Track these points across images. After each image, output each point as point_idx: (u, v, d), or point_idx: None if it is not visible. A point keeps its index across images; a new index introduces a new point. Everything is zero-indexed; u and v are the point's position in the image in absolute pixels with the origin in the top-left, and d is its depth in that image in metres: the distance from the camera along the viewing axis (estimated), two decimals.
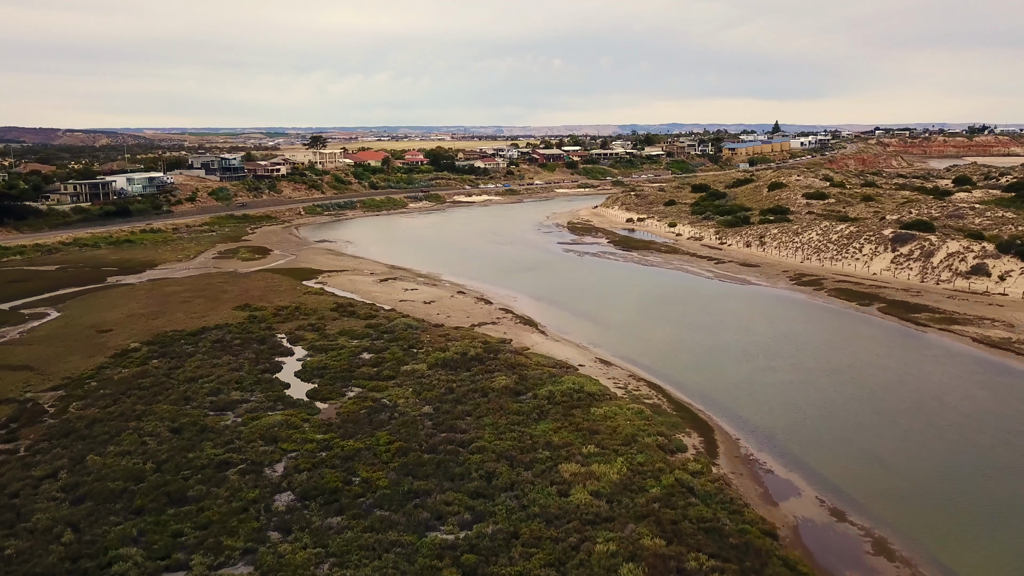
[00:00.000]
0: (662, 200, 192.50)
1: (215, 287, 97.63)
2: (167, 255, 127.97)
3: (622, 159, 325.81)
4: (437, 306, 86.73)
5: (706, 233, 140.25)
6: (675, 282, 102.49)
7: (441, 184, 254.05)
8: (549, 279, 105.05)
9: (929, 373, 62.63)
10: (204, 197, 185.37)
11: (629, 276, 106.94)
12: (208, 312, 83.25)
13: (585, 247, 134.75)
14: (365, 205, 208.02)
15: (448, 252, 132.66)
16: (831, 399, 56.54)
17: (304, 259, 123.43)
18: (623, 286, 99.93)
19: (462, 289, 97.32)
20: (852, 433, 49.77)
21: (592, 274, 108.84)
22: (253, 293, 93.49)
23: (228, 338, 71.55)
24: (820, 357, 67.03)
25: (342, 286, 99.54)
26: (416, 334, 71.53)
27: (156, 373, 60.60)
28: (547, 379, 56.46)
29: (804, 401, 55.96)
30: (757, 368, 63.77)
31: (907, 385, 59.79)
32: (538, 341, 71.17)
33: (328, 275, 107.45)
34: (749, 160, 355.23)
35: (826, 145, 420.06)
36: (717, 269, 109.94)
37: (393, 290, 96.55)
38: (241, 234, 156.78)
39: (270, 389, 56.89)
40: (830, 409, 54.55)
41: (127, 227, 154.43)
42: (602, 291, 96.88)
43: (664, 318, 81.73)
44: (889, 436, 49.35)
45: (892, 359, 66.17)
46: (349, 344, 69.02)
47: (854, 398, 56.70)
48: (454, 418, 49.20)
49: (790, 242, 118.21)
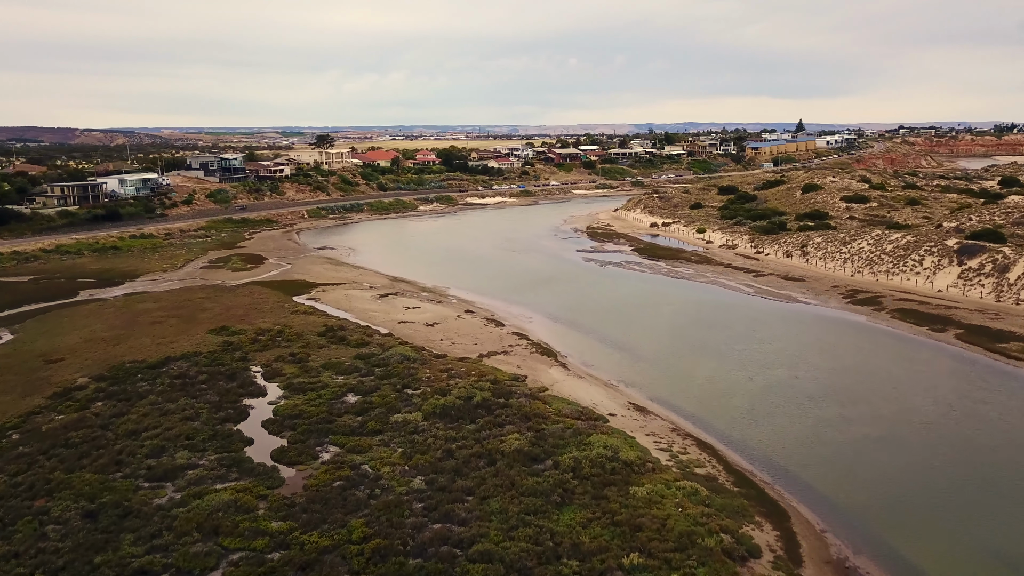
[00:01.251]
0: (687, 203, 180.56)
1: (194, 304, 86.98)
2: (152, 264, 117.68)
3: (642, 159, 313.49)
4: (441, 329, 75.52)
5: (739, 241, 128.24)
6: (711, 299, 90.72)
7: (453, 185, 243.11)
8: (568, 295, 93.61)
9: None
10: (201, 200, 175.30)
11: (658, 291, 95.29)
12: (179, 336, 72.52)
13: (607, 255, 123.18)
14: (372, 208, 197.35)
15: (457, 261, 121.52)
16: (930, 466, 44.83)
17: (299, 269, 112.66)
18: (653, 304, 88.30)
19: (470, 307, 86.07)
20: (972, 522, 38.06)
21: (616, 288, 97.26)
22: (235, 312, 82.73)
23: (193, 372, 60.67)
24: (901, 402, 55.21)
25: (336, 303, 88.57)
26: (413, 368, 60.32)
27: (94, 422, 49.75)
28: (571, 438, 45.07)
29: (896, 470, 44.23)
30: (827, 418, 52.07)
31: (1021, 444, 47.97)
32: (558, 378, 59.74)
33: (322, 289, 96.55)
34: (773, 160, 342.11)
35: (852, 144, 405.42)
36: (757, 283, 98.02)
37: (392, 308, 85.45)
38: (237, 240, 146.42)
39: (227, 447, 45.87)
40: (932, 482, 42.86)
41: (116, 232, 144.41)
42: (629, 310, 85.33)
43: (704, 347, 70.05)
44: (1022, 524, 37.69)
45: (993, 406, 54.22)
46: (333, 382, 57.92)
47: (960, 464, 44.96)
48: (452, 500, 37.93)
49: (837, 252, 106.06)
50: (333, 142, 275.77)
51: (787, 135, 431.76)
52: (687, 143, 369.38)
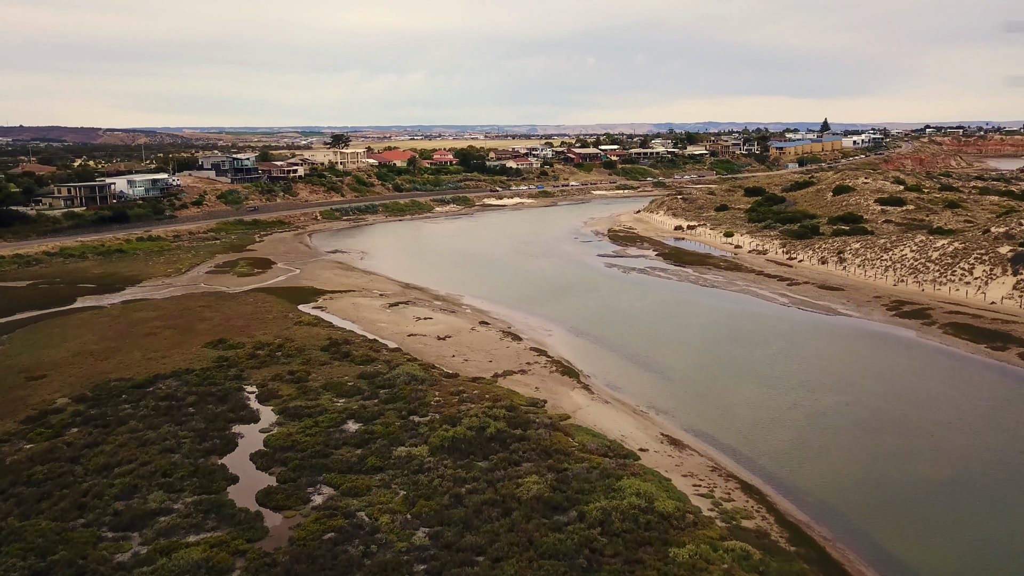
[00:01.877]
0: (713, 204, 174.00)
1: (193, 313, 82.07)
2: (156, 269, 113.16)
3: (663, 159, 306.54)
4: (453, 344, 69.99)
5: (770, 245, 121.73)
6: (744, 310, 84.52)
7: (470, 186, 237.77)
8: (590, 304, 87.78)
9: None
10: (212, 201, 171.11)
11: (687, 301, 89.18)
12: (172, 350, 67.52)
13: (630, 261, 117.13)
14: (387, 209, 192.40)
15: (472, 266, 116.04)
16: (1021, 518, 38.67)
17: (308, 275, 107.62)
18: (681, 315, 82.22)
19: (485, 318, 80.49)
20: None
21: (642, 297, 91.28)
22: (235, 323, 77.69)
23: (181, 393, 55.54)
24: (969, 435, 48.96)
25: (343, 312, 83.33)
26: (422, 390, 54.79)
27: (64, 454, 44.67)
28: (598, 481, 39.32)
29: (979, 524, 38.12)
30: (886, 454, 45.95)
31: None
32: (581, 403, 53.96)
33: (330, 297, 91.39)
34: (798, 160, 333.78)
35: (880, 144, 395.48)
36: (792, 293, 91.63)
37: (403, 319, 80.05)
38: (247, 243, 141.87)
39: (208, 486, 40.57)
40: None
41: (122, 234, 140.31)
42: (656, 322, 79.36)
43: (740, 366, 63.95)
44: None
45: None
46: (333, 406, 52.52)
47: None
48: (459, 561, 32.36)
49: (877, 259, 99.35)
50: (348, 142, 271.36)
51: (811, 135, 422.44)
52: (709, 143, 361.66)
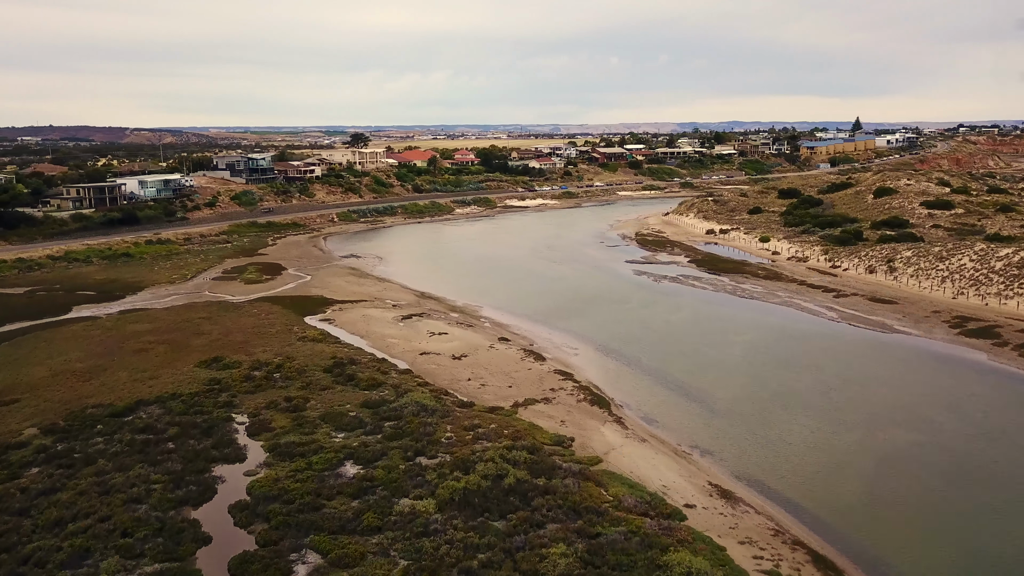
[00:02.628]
0: (745, 207, 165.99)
1: (191, 326, 76.22)
2: (161, 274, 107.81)
3: (691, 159, 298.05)
4: (469, 364, 63.35)
5: (811, 252, 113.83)
6: (789, 326, 77.06)
7: (492, 186, 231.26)
8: (619, 318, 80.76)
9: None
10: (226, 202, 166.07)
11: (725, 315, 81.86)
12: (162, 369, 61.61)
13: (661, 268, 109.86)
14: (406, 211, 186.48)
15: (493, 273, 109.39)
16: None
17: (318, 283, 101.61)
18: (720, 331, 74.91)
19: (505, 333, 73.80)
20: None
21: (676, 310, 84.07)
22: (234, 337, 71.68)
23: (163, 424, 49.45)
24: None
25: (352, 326, 77.06)
26: (432, 424, 48.23)
27: (14, 504, 38.63)
28: (639, 553, 32.47)
29: None
30: (983, 514, 38.61)
31: None
32: (614, 441, 47.05)
33: (339, 308, 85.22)
34: (830, 160, 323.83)
35: (914, 143, 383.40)
36: (840, 306, 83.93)
37: (415, 334, 73.57)
38: (259, 246, 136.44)
39: (173, 551, 34.25)
40: None
41: (131, 237, 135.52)
42: (693, 340, 72.15)
43: (792, 394, 56.69)
44: None
45: None
46: (330, 442, 46.11)
47: None
48: None
49: (932, 269, 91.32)
50: (367, 141, 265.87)
51: (842, 134, 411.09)
52: (738, 142, 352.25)
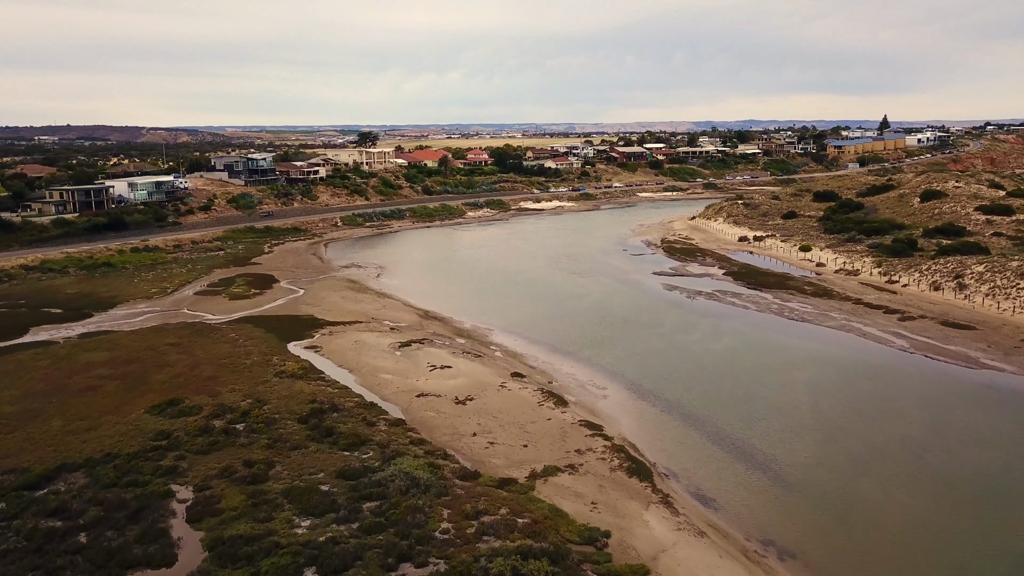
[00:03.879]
0: (778, 211, 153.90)
1: (155, 355, 65.66)
2: (140, 288, 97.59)
3: (713, 158, 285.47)
4: (476, 411, 52.29)
5: (861, 264, 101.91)
6: (854, 358, 65.38)
7: (506, 187, 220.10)
8: (652, 346, 69.40)
9: None
10: (222, 205, 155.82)
11: (775, 343, 70.30)
12: (105, 417, 51.02)
13: (693, 281, 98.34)
14: (415, 214, 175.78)
15: (506, 287, 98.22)
16: None
17: (311, 298, 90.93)
18: (774, 365, 63.35)
19: (519, 366, 62.67)
20: None
21: (717, 336, 72.55)
22: (201, 371, 61.04)
23: (82, 501, 38.77)
24: None
25: (341, 356, 66.18)
26: (424, 508, 37.17)
27: None
28: None
29: None
30: None
31: None
32: (663, 538, 35.73)
33: (329, 332, 74.42)
34: (859, 159, 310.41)
35: (946, 142, 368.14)
36: (909, 332, 72.07)
37: (414, 368, 62.55)
38: (254, 254, 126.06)
39: None
40: None
41: (117, 244, 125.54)
42: (743, 376, 60.70)
43: (879, 458, 45.17)
44: None
45: None
46: (290, 535, 35.15)
47: None
48: None
49: (1012, 287, 79.31)
50: (376, 140, 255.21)
51: (871, 133, 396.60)
52: (762, 141, 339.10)
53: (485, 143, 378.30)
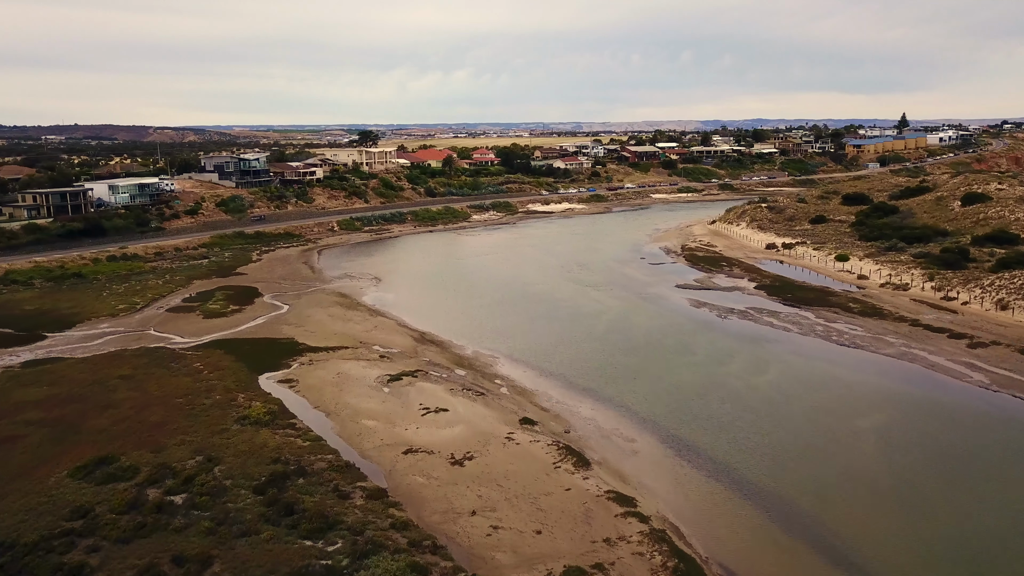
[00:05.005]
0: (805, 215, 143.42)
1: (102, 392, 55.91)
2: (108, 303, 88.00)
3: (728, 158, 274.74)
4: (476, 474, 42.20)
5: (908, 276, 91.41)
6: (926, 397, 55.02)
7: (513, 189, 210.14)
8: (685, 381, 59.15)
9: None
10: (211, 209, 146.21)
11: (829, 377, 59.94)
12: (16, 482, 41.41)
13: (722, 296, 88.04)
14: (417, 217, 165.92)
15: (513, 303, 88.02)
16: None
17: (295, 316, 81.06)
18: (834, 409, 52.99)
19: (529, 410, 52.56)
20: None
21: (759, 367, 62.21)
22: (150, 414, 51.23)
23: None
24: None
25: (319, 394, 56.18)
26: None
27: None
28: None
29: None
30: None
31: None
32: None
33: (310, 360, 64.46)
34: (879, 159, 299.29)
35: (968, 141, 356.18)
36: (984, 362, 61.56)
37: (404, 410, 52.51)
38: (240, 263, 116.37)
39: None
40: None
41: (93, 252, 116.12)
42: (800, 424, 50.40)
43: (1000, 558, 34.91)
44: None
45: None
46: None
47: None
48: None
49: None
50: (377, 139, 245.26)
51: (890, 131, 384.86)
52: (778, 140, 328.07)
53: (492, 142, 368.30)
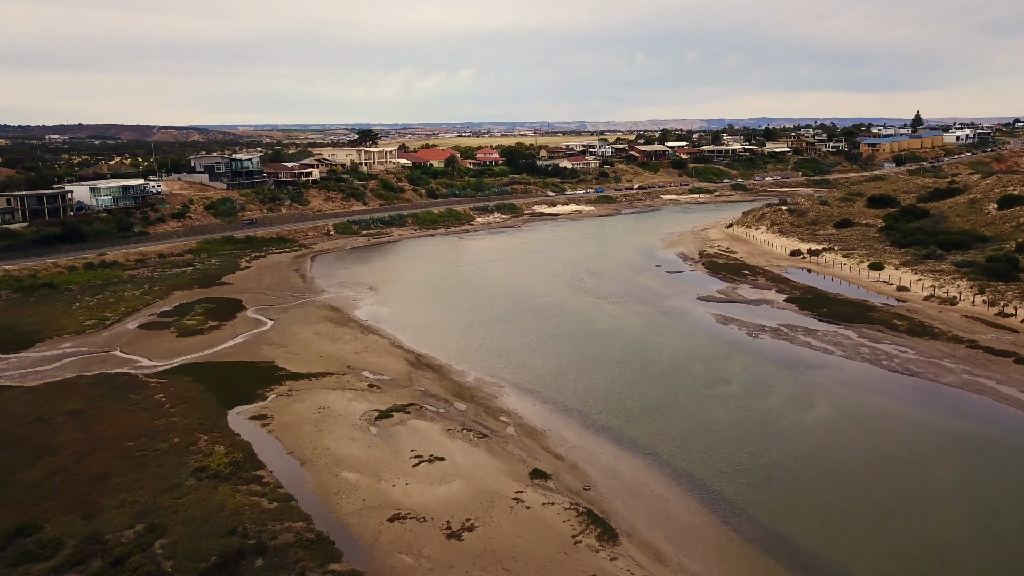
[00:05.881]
0: (828, 218, 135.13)
1: (42, 432, 48.07)
2: (76, 318, 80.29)
3: (740, 157, 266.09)
4: (478, 549, 34.17)
5: (954, 288, 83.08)
6: (1002, 439, 46.81)
7: (518, 189, 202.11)
8: (719, 419, 51.01)
9: None
10: (199, 212, 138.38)
11: (887, 414, 51.70)
12: None
13: (750, 311, 79.86)
14: (417, 220, 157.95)
15: (519, 319, 79.82)
16: None
17: (279, 334, 73.11)
18: (903, 457, 44.80)
19: (540, 459, 44.50)
20: None
21: (804, 401, 54.03)
22: (93, 462, 43.34)
23: None
24: None
25: (294, 434, 48.18)
26: None
27: None
28: None
29: None
30: None
31: None
32: None
33: (289, 390, 56.48)
34: (895, 158, 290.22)
35: (986, 140, 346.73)
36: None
37: (393, 458, 44.47)
38: (227, 271, 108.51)
39: None
40: None
41: (69, 259, 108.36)
42: (864, 477, 42.26)
43: None
44: None
45: None
46: None
47: None
48: None
49: None
50: (377, 139, 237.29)
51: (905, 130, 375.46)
52: (791, 139, 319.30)
53: (496, 141, 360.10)
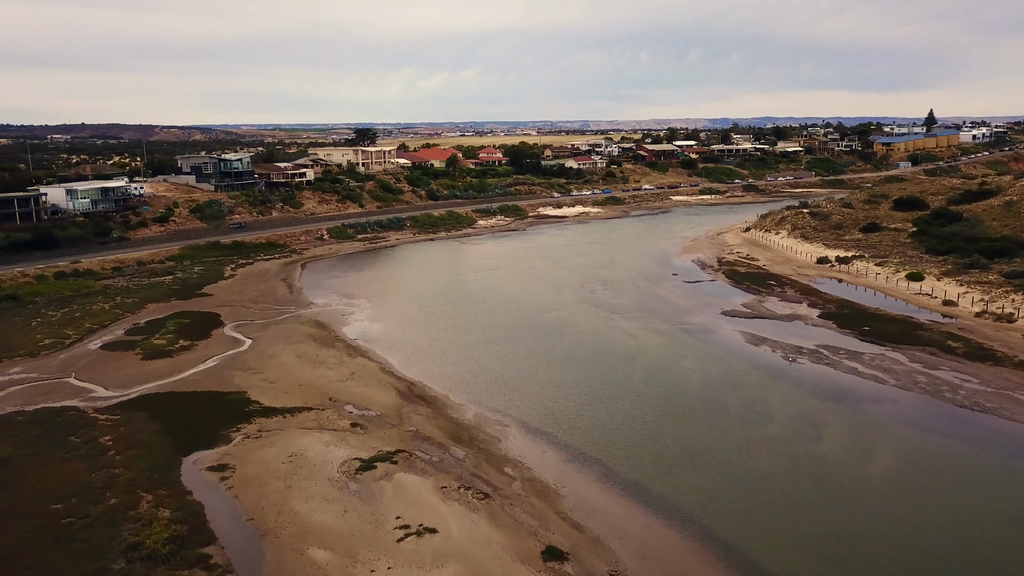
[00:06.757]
0: (854, 222, 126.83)
1: None
2: (32, 336, 72.40)
3: (751, 157, 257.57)
4: None
5: (1008, 302, 74.65)
6: None
7: (522, 190, 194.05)
8: (764, 471, 42.77)
9: None
10: (184, 215, 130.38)
11: (964, 462, 43.52)
12: None
13: (782, 329, 71.51)
14: (416, 224, 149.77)
15: (524, 338, 71.47)
16: None
17: (255, 357, 64.96)
18: (998, 523, 36.61)
19: (555, 530, 36.33)
20: None
21: (863, 445, 45.75)
22: (2, 536, 35.11)
23: None
24: None
25: (258, 493, 40.02)
26: None
27: None
28: None
29: None
30: None
31: None
32: None
33: (258, 430, 48.33)
34: (910, 158, 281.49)
35: (1003, 139, 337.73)
36: None
37: (374, 530, 36.27)
38: (209, 280, 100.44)
39: None
40: None
41: (40, 267, 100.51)
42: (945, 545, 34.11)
43: None
44: None
45: None
46: None
47: None
48: None
49: None
50: (375, 138, 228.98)
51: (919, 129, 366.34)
52: (803, 138, 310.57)
53: (499, 141, 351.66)
